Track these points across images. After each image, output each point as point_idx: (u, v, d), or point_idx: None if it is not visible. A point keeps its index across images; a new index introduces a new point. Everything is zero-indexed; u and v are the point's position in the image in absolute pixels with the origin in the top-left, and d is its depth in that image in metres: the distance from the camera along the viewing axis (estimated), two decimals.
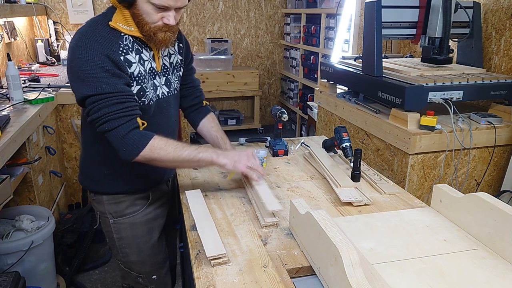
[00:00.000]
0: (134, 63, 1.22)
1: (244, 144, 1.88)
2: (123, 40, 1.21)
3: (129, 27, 1.21)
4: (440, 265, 0.96)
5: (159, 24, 1.20)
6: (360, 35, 3.11)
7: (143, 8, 1.17)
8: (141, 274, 1.48)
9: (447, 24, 1.94)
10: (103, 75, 1.13)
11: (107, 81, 1.13)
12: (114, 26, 1.19)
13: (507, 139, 1.88)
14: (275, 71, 5.22)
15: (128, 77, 1.20)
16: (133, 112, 1.18)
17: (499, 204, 1.00)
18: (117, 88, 1.14)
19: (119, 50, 1.19)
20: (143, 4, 1.16)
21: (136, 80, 1.23)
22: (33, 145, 2.12)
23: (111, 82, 1.14)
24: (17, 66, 3.19)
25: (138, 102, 1.25)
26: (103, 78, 1.13)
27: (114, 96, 1.14)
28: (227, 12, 4.80)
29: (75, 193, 2.87)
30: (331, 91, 2.57)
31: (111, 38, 1.18)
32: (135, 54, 1.23)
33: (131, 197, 1.39)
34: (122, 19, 1.21)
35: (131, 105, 1.17)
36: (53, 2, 4.07)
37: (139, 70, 1.24)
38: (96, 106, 1.14)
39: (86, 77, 1.13)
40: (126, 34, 1.21)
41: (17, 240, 1.80)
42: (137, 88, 1.24)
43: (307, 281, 0.98)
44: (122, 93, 1.15)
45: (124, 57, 1.19)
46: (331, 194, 1.39)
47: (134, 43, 1.24)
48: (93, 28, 1.18)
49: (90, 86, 1.13)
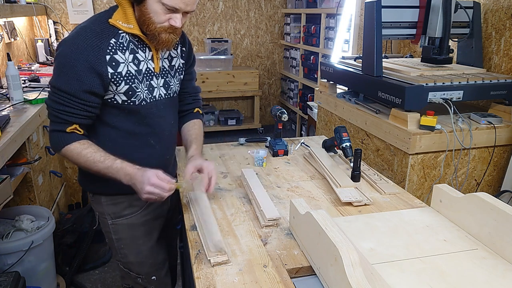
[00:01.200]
0: (122, 63, 1.22)
1: (244, 144, 1.88)
2: (119, 38, 1.21)
3: (128, 24, 1.21)
4: (440, 265, 0.96)
5: (165, 25, 1.20)
6: (360, 35, 3.11)
7: (152, 7, 1.17)
8: (140, 275, 1.47)
9: (447, 24, 1.94)
10: (69, 73, 1.17)
11: (67, 80, 1.17)
12: (113, 23, 1.20)
13: (507, 139, 1.88)
14: (275, 71, 5.22)
15: (110, 78, 1.20)
16: (69, 118, 1.21)
17: (499, 204, 1.00)
18: (72, 90, 1.17)
19: (107, 49, 1.19)
20: (154, 3, 1.16)
21: (124, 80, 1.23)
22: (33, 145, 2.12)
23: (72, 83, 1.17)
24: (17, 66, 3.19)
25: (128, 102, 1.25)
26: (67, 75, 1.17)
27: (64, 96, 1.18)
28: (227, 12, 4.80)
29: (75, 193, 2.87)
30: (331, 91, 2.57)
31: (103, 36, 1.19)
32: (128, 54, 1.23)
33: (130, 198, 1.39)
34: (122, 17, 1.21)
35: (72, 111, 1.20)
36: (53, 2, 4.07)
37: (127, 70, 1.23)
38: (49, 95, 1.22)
39: (58, 67, 1.19)
40: (124, 32, 1.22)
41: (17, 240, 1.80)
42: (125, 87, 1.24)
43: (307, 281, 0.98)
44: (72, 97, 1.18)
45: (111, 56, 1.20)
46: (331, 194, 1.39)
47: (131, 42, 1.23)
48: (90, 24, 1.20)
49: (56, 77, 1.19)
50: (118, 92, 1.23)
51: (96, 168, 1.22)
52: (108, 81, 1.20)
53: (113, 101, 1.24)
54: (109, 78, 1.20)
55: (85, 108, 1.21)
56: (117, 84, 1.22)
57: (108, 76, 1.20)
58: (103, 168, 1.21)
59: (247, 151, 1.80)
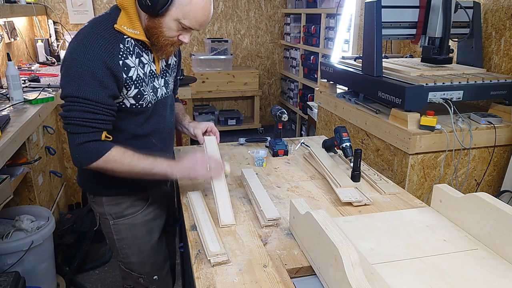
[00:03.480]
0: (133, 67, 1.22)
1: (244, 144, 1.88)
2: (125, 43, 1.20)
3: (134, 30, 1.20)
4: (440, 265, 0.96)
5: (174, 40, 1.22)
6: (360, 35, 3.11)
7: (168, 23, 1.17)
8: (142, 275, 1.48)
9: (447, 24, 1.94)
10: (90, 82, 1.13)
11: (91, 88, 1.13)
12: (119, 28, 1.18)
13: (507, 139, 1.88)
14: (275, 71, 5.22)
15: (123, 83, 1.20)
16: (101, 126, 1.17)
17: (499, 204, 1.00)
18: (97, 97, 1.14)
19: (119, 54, 1.18)
20: (170, 20, 1.16)
21: (134, 83, 1.23)
22: (33, 145, 2.12)
23: (95, 90, 1.14)
24: (17, 66, 3.19)
25: (136, 105, 1.26)
26: (89, 84, 1.13)
27: (90, 104, 1.14)
28: (227, 12, 4.80)
29: (75, 193, 2.87)
30: (331, 91, 2.57)
31: (113, 41, 1.17)
32: (135, 58, 1.23)
33: (131, 198, 1.39)
34: (127, 22, 1.20)
35: (103, 118, 1.17)
36: (53, 2, 4.07)
37: (137, 74, 1.23)
38: (69, 106, 1.15)
39: (75, 77, 1.13)
40: (129, 37, 1.21)
41: (17, 240, 1.80)
42: (135, 91, 1.24)
43: (307, 281, 0.98)
44: (99, 103, 1.15)
45: (123, 61, 1.19)
46: (331, 194, 1.39)
47: (135, 46, 1.23)
48: (96, 29, 1.17)
49: (74, 87, 1.13)
50: (127, 96, 1.24)
51: (141, 166, 1.21)
52: (122, 85, 1.20)
53: (121, 105, 1.24)
54: (123, 83, 1.20)
55: (111, 113, 1.19)
56: (129, 88, 1.22)
57: (123, 80, 1.20)
58: (147, 164, 1.22)
59: (247, 151, 1.80)
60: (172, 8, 1.14)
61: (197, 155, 1.28)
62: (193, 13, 1.15)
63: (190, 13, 1.15)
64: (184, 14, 1.15)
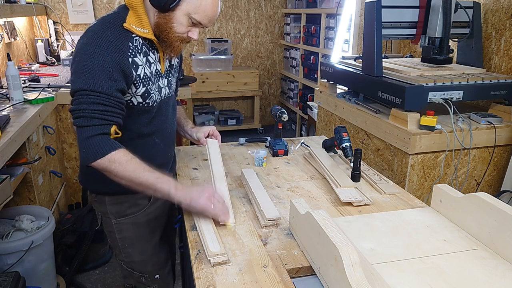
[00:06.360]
0: (141, 65, 1.23)
1: (244, 144, 1.88)
2: (133, 41, 1.21)
3: (143, 29, 1.21)
4: (440, 265, 0.96)
5: (183, 36, 1.23)
6: (360, 35, 3.11)
7: (178, 18, 1.18)
8: (144, 274, 1.48)
9: (447, 24, 1.94)
10: (100, 75, 1.13)
11: (101, 81, 1.13)
12: (128, 27, 1.19)
13: (507, 139, 1.88)
14: (275, 71, 5.22)
15: (132, 80, 1.21)
16: (111, 118, 1.16)
17: (499, 204, 1.00)
18: (107, 90, 1.14)
19: (128, 52, 1.19)
20: (181, 15, 1.17)
21: (142, 82, 1.24)
22: (33, 145, 2.12)
23: (105, 83, 1.13)
24: (17, 66, 3.19)
25: (143, 103, 1.26)
26: (99, 77, 1.13)
27: (100, 96, 1.13)
28: (227, 12, 4.80)
29: (75, 193, 2.87)
30: (331, 91, 2.57)
31: (122, 39, 1.18)
32: (142, 56, 1.24)
33: (133, 197, 1.39)
34: (136, 21, 1.21)
35: (113, 111, 1.16)
36: (53, 2, 4.07)
37: (144, 72, 1.24)
38: (79, 99, 1.14)
39: (84, 71, 1.13)
40: (137, 36, 1.22)
41: (17, 240, 1.80)
42: (142, 89, 1.25)
43: (307, 281, 0.98)
44: (109, 96, 1.14)
45: (132, 59, 1.20)
46: (331, 194, 1.39)
47: (143, 45, 1.24)
48: (105, 27, 1.18)
49: (84, 80, 1.13)
50: (136, 94, 1.24)
51: (145, 177, 1.15)
52: (131, 82, 1.21)
53: (128, 103, 1.24)
54: (132, 80, 1.21)
55: (121, 107, 1.18)
56: (137, 86, 1.23)
57: (132, 77, 1.20)
58: (152, 177, 1.16)
59: (247, 151, 1.80)
60: (183, 2, 1.16)
61: (207, 189, 1.21)
62: (203, 7, 1.17)
63: (201, 7, 1.16)
64: (195, 8, 1.16)
